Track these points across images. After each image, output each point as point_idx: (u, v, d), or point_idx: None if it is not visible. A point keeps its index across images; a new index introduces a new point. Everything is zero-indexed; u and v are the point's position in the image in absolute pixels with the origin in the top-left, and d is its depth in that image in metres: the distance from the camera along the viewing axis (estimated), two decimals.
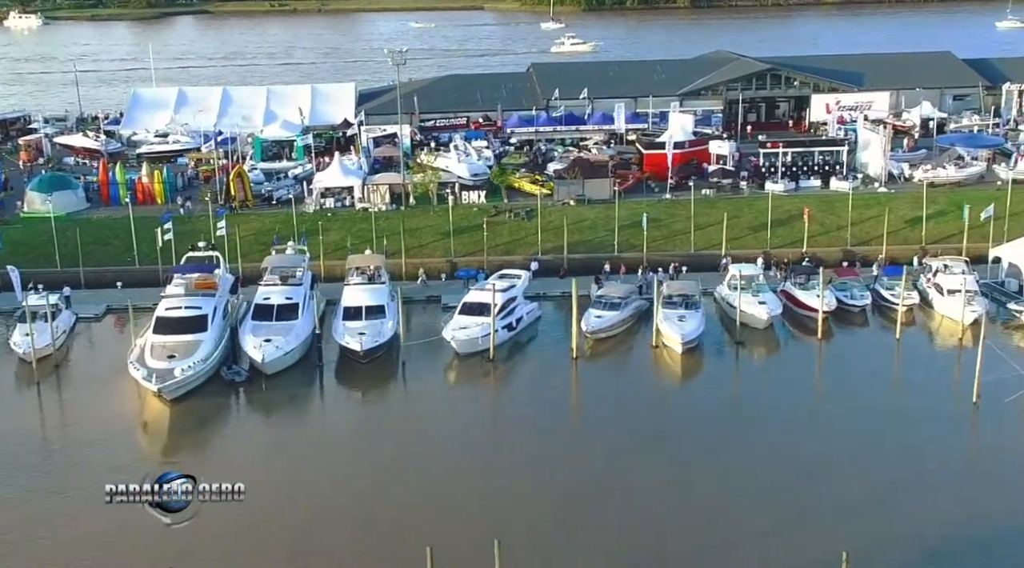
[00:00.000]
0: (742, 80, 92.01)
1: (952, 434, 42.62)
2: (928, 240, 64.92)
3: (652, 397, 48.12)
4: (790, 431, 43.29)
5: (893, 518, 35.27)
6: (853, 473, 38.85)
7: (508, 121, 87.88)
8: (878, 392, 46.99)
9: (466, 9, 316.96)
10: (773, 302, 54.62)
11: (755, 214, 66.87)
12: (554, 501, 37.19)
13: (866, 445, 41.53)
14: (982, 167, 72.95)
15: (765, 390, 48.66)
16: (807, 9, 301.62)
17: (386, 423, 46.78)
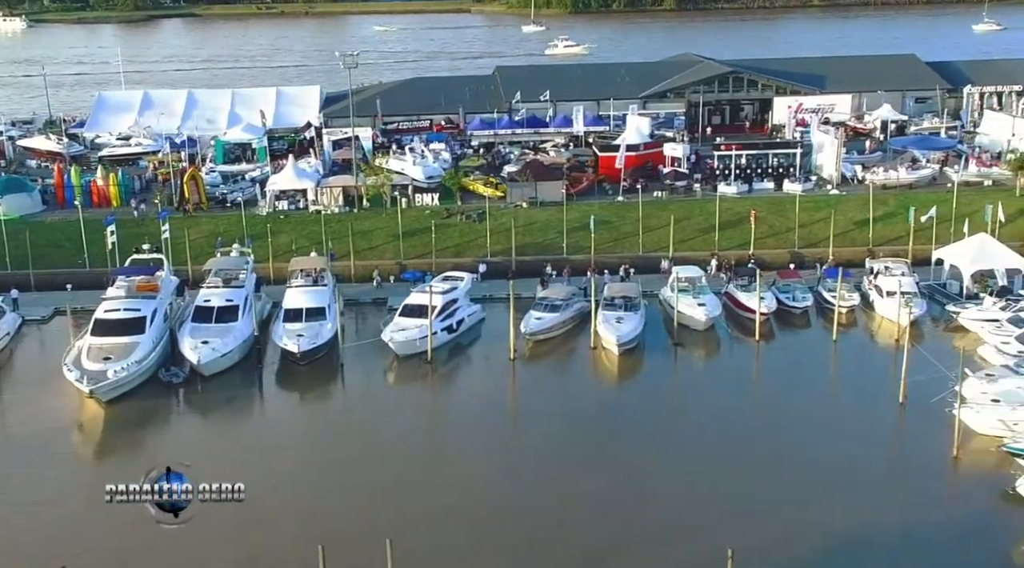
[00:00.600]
0: (704, 83, 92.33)
1: (873, 434, 42.85)
2: (876, 242, 65.35)
3: (586, 398, 48.32)
4: (715, 430, 43.57)
5: (791, 517, 35.60)
6: (765, 472, 39.14)
7: (470, 124, 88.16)
8: (807, 392, 47.39)
9: (452, 12, 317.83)
10: (713, 304, 54.91)
11: (705, 216, 67.21)
12: (487, 499, 37.69)
13: (785, 445, 41.94)
14: (934, 169, 73.26)
15: (697, 390, 49.15)
16: (793, 11, 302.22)
17: (322, 424, 47.20)
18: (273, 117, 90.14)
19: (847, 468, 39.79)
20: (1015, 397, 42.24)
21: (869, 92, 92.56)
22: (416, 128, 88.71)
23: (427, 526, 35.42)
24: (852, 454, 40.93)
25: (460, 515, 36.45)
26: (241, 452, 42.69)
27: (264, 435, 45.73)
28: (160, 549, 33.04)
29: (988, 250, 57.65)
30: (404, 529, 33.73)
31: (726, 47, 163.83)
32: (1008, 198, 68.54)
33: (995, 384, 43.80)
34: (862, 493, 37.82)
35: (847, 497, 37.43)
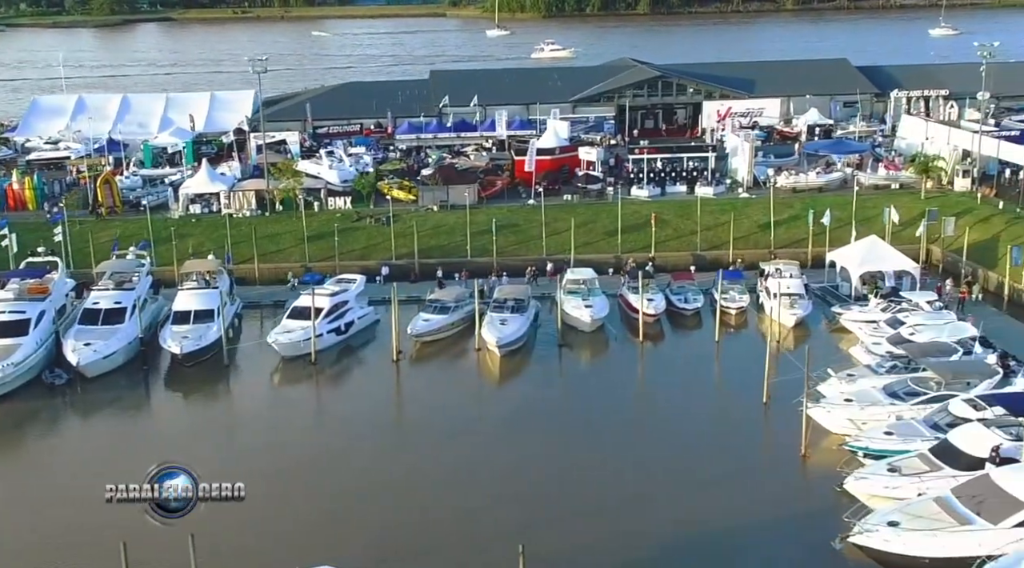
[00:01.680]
0: (634, 86, 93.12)
1: (730, 434, 43.36)
2: (778, 244, 66.02)
3: (462, 398, 48.85)
4: (579, 431, 44.06)
5: (631, 515, 36.19)
6: (620, 471, 39.70)
7: (399, 128, 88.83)
8: (676, 393, 48.06)
9: (428, 16, 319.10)
10: (600, 306, 55.54)
11: (612, 219, 67.81)
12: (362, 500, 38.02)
13: (642, 445, 42.41)
14: (844, 173, 74.05)
15: (571, 391, 49.73)
16: (766, 15, 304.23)
17: (203, 425, 47.50)
18: (205, 121, 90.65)
19: (697, 467, 40.30)
20: (867, 397, 42.90)
21: (797, 96, 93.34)
22: (346, 132, 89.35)
23: (303, 525, 35.68)
24: (706, 453, 41.52)
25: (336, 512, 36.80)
26: (110, 452, 43.09)
27: (141, 435, 46.09)
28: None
29: (877, 252, 58.41)
30: (272, 529, 34.26)
31: (694, 50, 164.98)
32: (913, 201, 69.39)
33: (852, 384, 44.51)
34: (705, 491, 38.29)
35: (689, 495, 37.96)
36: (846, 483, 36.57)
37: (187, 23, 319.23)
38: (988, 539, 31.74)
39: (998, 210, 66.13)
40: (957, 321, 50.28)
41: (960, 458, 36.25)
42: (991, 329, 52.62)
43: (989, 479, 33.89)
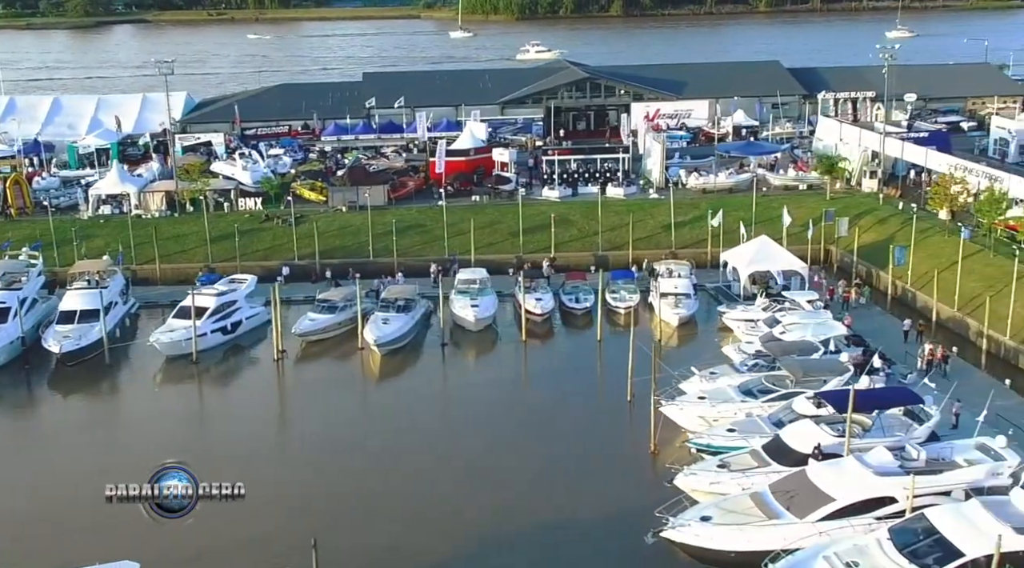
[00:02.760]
0: (563, 88, 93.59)
1: (590, 431, 43.63)
2: (681, 244, 66.50)
3: (339, 396, 49.20)
4: (439, 430, 44.60)
5: (459, 512, 36.67)
6: (473, 469, 40.17)
7: (326, 130, 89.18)
8: (549, 391, 48.50)
9: (403, 18, 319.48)
10: (487, 305, 55.98)
11: (519, 220, 68.18)
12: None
13: (501, 442, 42.89)
14: (754, 174, 74.57)
15: (445, 388, 50.42)
16: (739, 17, 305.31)
17: (80, 423, 47.68)
18: (135, 122, 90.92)
19: (543, 465, 40.63)
20: (720, 395, 43.35)
21: (726, 98, 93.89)
22: (274, 133, 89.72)
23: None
24: (557, 451, 41.86)
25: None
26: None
27: (18, 434, 46.48)
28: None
29: (766, 252, 58.90)
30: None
31: (665, 52, 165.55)
32: (818, 202, 69.97)
33: (712, 382, 44.89)
34: (544, 489, 38.66)
35: (526, 492, 38.39)
36: (676, 479, 36.94)
37: (162, 25, 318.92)
38: (793, 533, 32.25)
39: (897, 211, 66.68)
40: (831, 321, 50.70)
41: (789, 455, 36.77)
42: (870, 328, 53.51)
43: (805, 475, 34.43)
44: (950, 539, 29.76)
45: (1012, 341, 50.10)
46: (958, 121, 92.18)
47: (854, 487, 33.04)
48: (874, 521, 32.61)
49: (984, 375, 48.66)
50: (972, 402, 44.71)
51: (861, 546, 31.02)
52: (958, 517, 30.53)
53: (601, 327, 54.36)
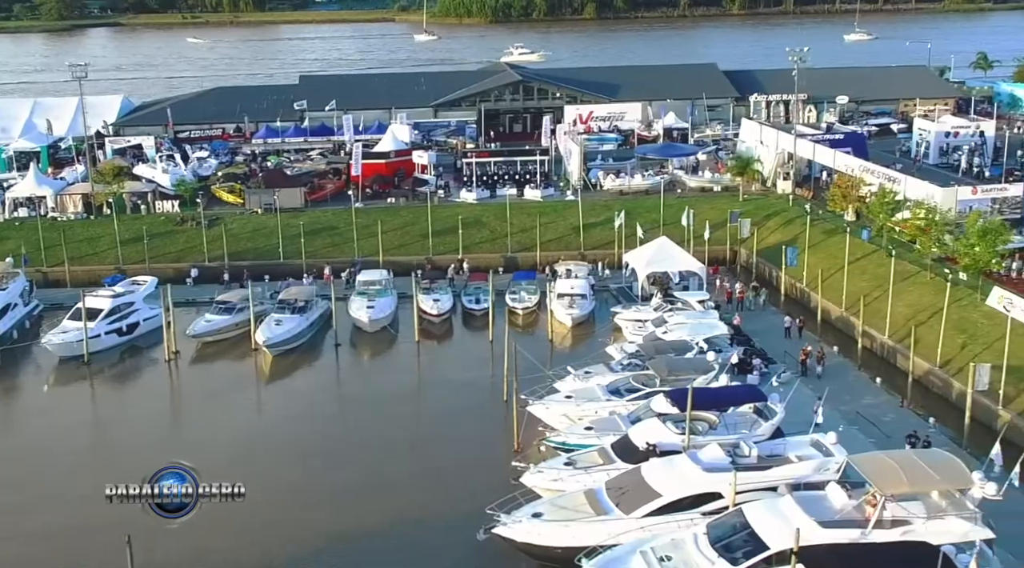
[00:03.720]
0: (496, 91, 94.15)
1: (463, 429, 44.18)
2: (591, 245, 67.07)
3: (226, 396, 49.57)
4: (307, 430, 45.02)
5: (307, 512, 37.09)
6: (331, 469, 40.62)
7: (258, 132, 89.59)
8: (428, 392, 49.33)
9: (377, 21, 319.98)
10: (383, 306, 56.48)
11: (433, 221, 68.66)
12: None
13: (366, 445, 43.24)
14: (671, 175, 75.27)
15: (332, 388, 50.99)
16: (713, 20, 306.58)
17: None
18: (68, 126, 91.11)
19: (414, 464, 41.05)
20: (587, 394, 43.87)
21: (659, 101, 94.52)
22: (208, 136, 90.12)
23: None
24: (430, 450, 42.31)
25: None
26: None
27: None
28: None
29: (665, 253, 59.45)
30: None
31: (633, 54, 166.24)
32: (731, 203, 70.61)
33: (585, 381, 45.41)
34: (398, 488, 39.06)
35: (380, 492, 38.86)
36: (523, 477, 37.41)
37: (136, 28, 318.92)
38: (618, 528, 32.75)
39: (806, 212, 67.22)
40: (715, 321, 51.27)
41: (634, 453, 37.23)
42: (761, 328, 54.22)
43: (639, 472, 34.95)
44: (759, 533, 30.29)
45: (889, 340, 50.76)
46: (888, 123, 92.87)
47: (681, 483, 33.58)
48: (699, 517, 33.10)
49: (858, 374, 49.40)
50: (841, 400, 45.82)
51: (678, 541, 31.53)
52: (770, 512, 31.03)
53: (493, 328, 54.70)
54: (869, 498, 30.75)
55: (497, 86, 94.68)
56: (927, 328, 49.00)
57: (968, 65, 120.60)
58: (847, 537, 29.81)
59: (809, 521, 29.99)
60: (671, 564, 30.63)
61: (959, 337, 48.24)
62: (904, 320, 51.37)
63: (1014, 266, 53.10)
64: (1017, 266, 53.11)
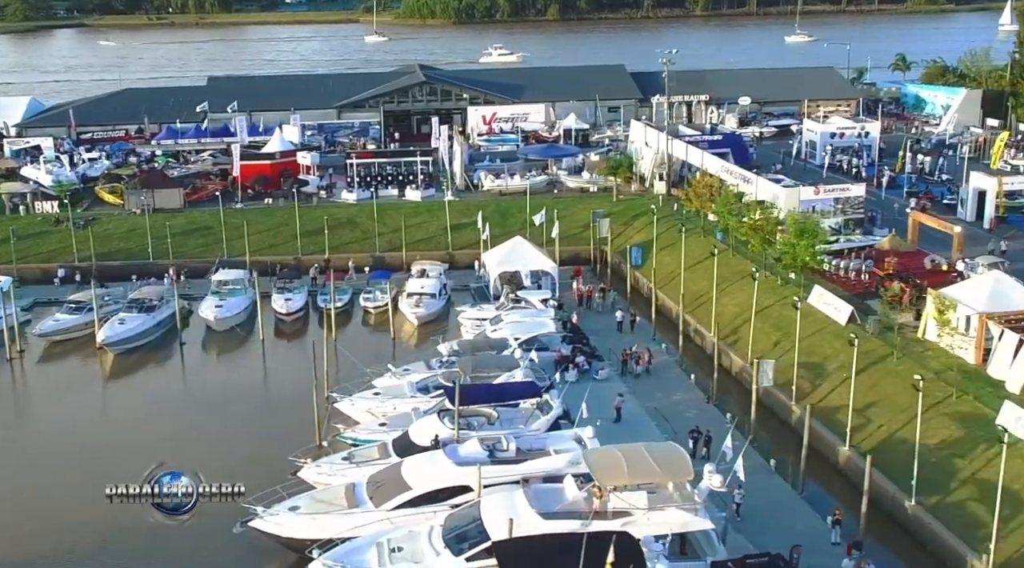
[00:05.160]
0: (399, 92, 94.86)
1: (268, 426, 44.94)
2: (460, 245, 67.81)
3: (62, 393, 50.22)
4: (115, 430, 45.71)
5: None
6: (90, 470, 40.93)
7: (160, 134, 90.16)
8: (251, 388, 49.69)
9: (343, 22, 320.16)
10: (231, 306, 57.20)
11: (308, 221, 69.29)
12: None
13: (175, 438, 43.72)
14: (549, 176, 76.14)
15: (169, 388, 51.62)
16: (676, 21, 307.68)
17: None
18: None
19: (219, 459, 41.23)
20: (395, 391, 44.64)
21: (562, 102, 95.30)
22: (110, 138, 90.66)
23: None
24: (239, 447, 42.91)
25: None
26: None
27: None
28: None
29: (518, 253, 60.24)
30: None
31: (595, 55, 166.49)
32: (602, 203, 71.53)
33: (399, 378, 46.16)
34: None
35: None
36: (300, 472, 38.15)
37: (102, 29, 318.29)
38: (365, 520, 33.52)
39: (673, 212, 68.18)
40: (546, 319, 52.09)
41: (411, 448, 37.98)
42: (602, 326, 55.12)
43: (399, 466, 35.73)
44: (485, 524, 31.12)
45: (714, 338, 51.64)
46: (789, 124, 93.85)
47: (431, 477, 34.37)
48: (448, 509, 33.87)
49: (679, 371, 50.23)
50: (653, 397, 46.77)
51: (415, 532, 32.36)
52: (500, 504, 31.85)
53: (335, 327, 55.40)
54: (595, 490, 31.61)
55: (399, 87, 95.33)
56: (749, 326, 49.84)
57: (888, 66, 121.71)
58: (567, 528, 30.66)
59: (531, 513, 30.86)
60: (401, 555, 31.47)
61: (775, 335, 49.15)
62: (731, 318, 52.31)
63: (851, 265, 53.85)
64: (854, 265, 53.88)
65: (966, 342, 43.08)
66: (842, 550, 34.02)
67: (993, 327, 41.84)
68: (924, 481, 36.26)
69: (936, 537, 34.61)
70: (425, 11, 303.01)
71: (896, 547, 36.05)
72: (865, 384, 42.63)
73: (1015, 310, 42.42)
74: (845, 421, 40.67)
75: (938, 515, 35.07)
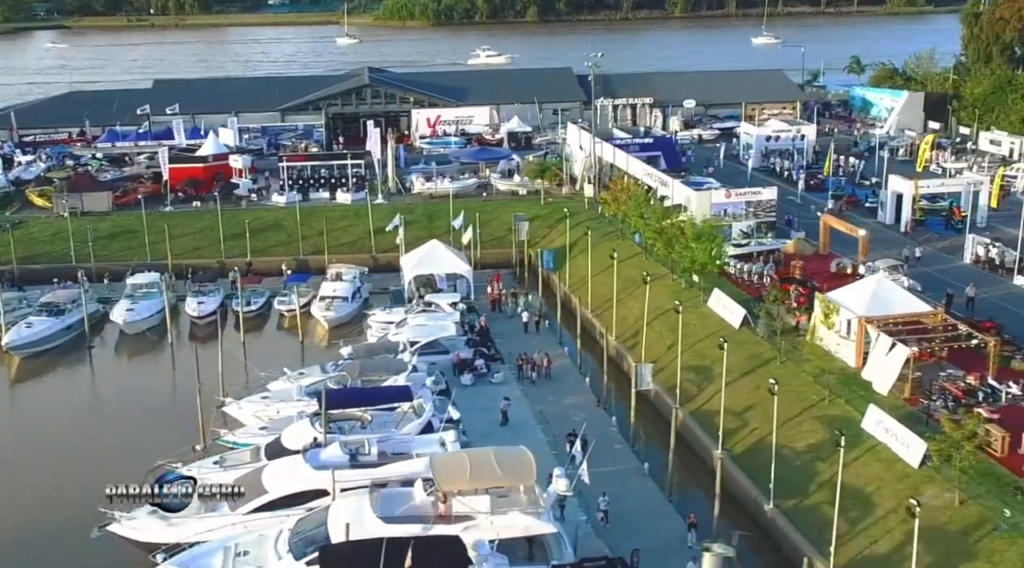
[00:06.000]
0: (342, 95, 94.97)
1: (162, 429, 44.96)
2: (383, 248, 67.91)
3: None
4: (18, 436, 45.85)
5: None
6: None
7: (102, 136, 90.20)
8: (151, 391, 49.84)
9: (323, 24, 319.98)
10: (142, 309, 57.34)
11: (237, 224, 69.24)
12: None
13: (49, 438, 44.12)
14: (479, 179, 76.36)
15: (70, 392, 51.80)
16: (655, 23, 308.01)
17: None
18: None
19: (90, 465, 41.72)
20: (283, 395, 44.76)
21: (507, 104, 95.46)
22: (53, 140, 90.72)
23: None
24: (110, 451, 43.06)
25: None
26: None
27: None
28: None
29: (434, 256, 60.33)
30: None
31: (568, 57, 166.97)
32: (530, 206, 71.75)
33: (293, 382, 46.26)
34: (69, 485, 39.89)
35: (50, 492, 39.70)
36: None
37: (82, 31, 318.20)
38: (218, 524, 33.61)
39: (597, 215, 68.37)
40: (448, 322, 52.24)
41: (282, 452, 38.06)
42: (512, 329, 55.35)
43: (259, 471, 35.85)
44: (328, 528, 31.26)
45: (615, 341, 51.86)
46: (732, 127, 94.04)
47: (287, 481, 34.50)
48: (304, 512, 33.97)
49: (577, 375, 50.38)
50: (545, 401, 46.97)
51: (264, 537, 32.46)
52: (345, 508, 32.00)
53: (244, 330, 55.55)
54: (439, 495, 31.77)
55: (344, 90, 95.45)
56: (649, 329, 50.00)
57: (842, 68, 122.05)
58: (407, 531, 30.69)
59: (372, 517, 31.01)
60: (245, 559, 31.59)
61: (671, 338, 49.27)
62: (634, 322, 52.48)
63: (753, 268, 54.08)
64: (755, 268, 54.09)
65: (848, 345, 43.30)
66: (697, 552, 34.18)
67: (871, 331, 42.05)
68: (785, 484, 36.51)
69: (788, 540, 34.84)
70: (404, 13, 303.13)
71: (756, 549, 36.24)
72: (748, 387, 42.94)
73: (894, 314, 42.64)
74: (721, 424, 40.86)
75: (792, 518, 35.30)
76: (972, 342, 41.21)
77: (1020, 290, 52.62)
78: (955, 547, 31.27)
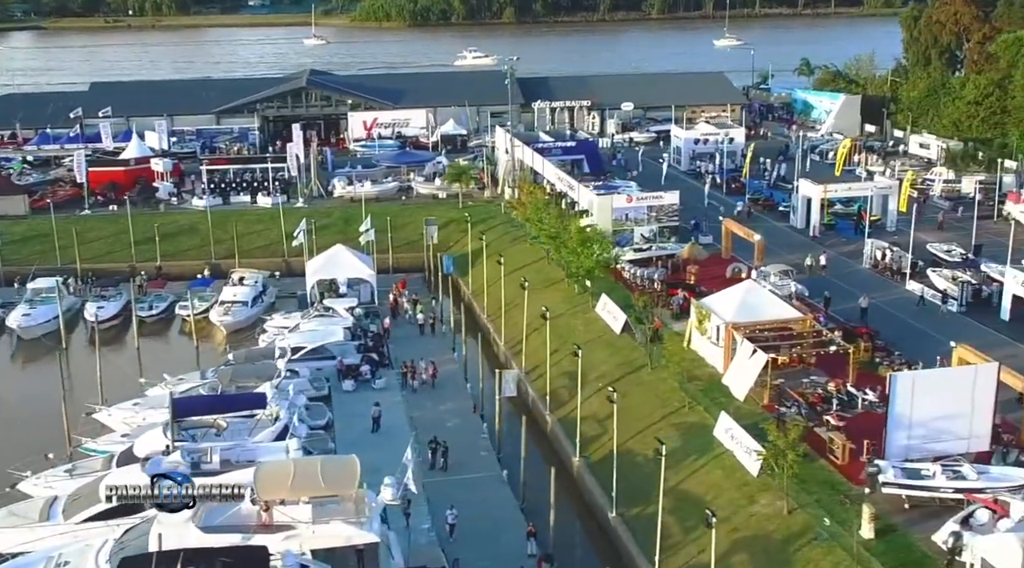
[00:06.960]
0: (277, 98, 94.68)
1: (47, 435, 44.56)
2: (293, 253, 67.46)
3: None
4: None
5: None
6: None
7: (33, 139, 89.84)
8: (47, 396, 49.36)
9: (297, 25, 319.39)
10: (38, 314, 57.23)
11: (148, 229, 68.95)
12: None
13: None
14: (400, 182, 76.23)
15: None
16: (632, 24, 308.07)
17: None
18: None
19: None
20: (155, 402, 44.45)
21: (444, 107, 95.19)
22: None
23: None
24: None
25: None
26: None
27: None
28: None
29: (337, 260, 60.09)
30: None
31: (548, 60, 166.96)
32: (448, 209, 71.60)
33: (171, 388, 45.95)
34: None
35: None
36: (21, 484, 37.98)
37: (59, 32, 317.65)
38: (48, 533, 33.41)
39: (511, 219, 68.15)
40: (336, 327, 52.09)
41: (132, 461, 37.80)
42: (411, 334, 55.25)
43: (99, 480, 35.52)
44: (149, 539, 30.96)
45: (504, 347, 51.73)
46: (668, 130, 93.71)
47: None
48: (139, 521, 33.67)
49: (462, 382, 50.20)
50: (423, 406, 46.89)
51: (88, 547, 32.17)
52: (170, 518, 31.65)
53: (138, 335, 55.31)
54: (262, 504, 31.52)
55: (280, 93, 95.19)
56: (536, 335, 49.81)
57: (792, 70, 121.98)
58: (227, 541, 30.46)
59: (190, 526, 30.72)
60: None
61: (555, 343, 49.07)
62: (524, 327, 52.28)
63: (645, 273, 53.91)
64: (647, 273, 53.93)
65: (718, 351, 43.19)
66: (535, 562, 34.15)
67: (737, 337, 41.94)
68: (631, 492, 36.42)
69: (626, 548, 34.71)
70: (380, 14, 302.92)
71: (599, 558, 36.16)
72: (617, 393, 42.67)
73: (759, 320, 42.52)
74: (586, 431, 40.77)
75: (632, 526, 35.17)
76: (831, 348, 41.05)
77: (912, 295, 52.49)
78: (777, 556, 31.18)
